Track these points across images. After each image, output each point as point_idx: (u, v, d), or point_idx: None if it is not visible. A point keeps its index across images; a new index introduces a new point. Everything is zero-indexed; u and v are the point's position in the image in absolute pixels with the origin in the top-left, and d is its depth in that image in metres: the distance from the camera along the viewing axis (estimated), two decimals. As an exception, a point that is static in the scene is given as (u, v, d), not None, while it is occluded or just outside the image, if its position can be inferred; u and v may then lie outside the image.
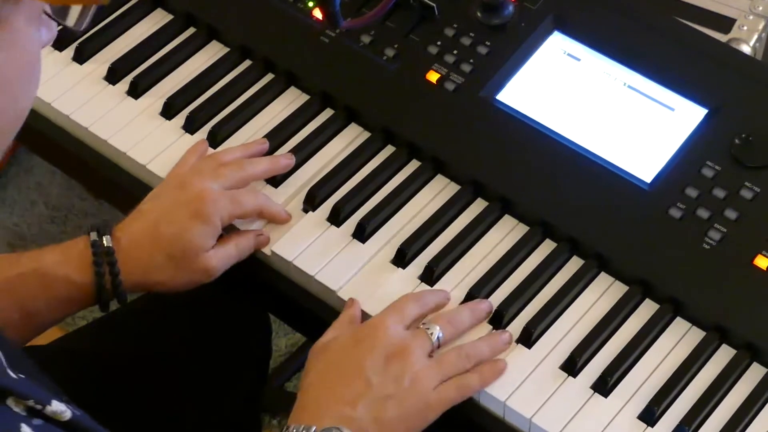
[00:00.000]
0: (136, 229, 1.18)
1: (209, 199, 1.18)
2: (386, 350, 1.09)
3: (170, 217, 1.18)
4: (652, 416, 1.11)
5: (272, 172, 1.26)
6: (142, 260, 1.17)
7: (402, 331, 1.12)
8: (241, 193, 1.21)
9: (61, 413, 0.85)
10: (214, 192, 1.19)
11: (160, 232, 1.17)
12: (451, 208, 1.25)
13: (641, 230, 1.21)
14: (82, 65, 1.37)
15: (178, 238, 1.17)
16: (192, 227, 1.17)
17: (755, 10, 1.43)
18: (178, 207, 1.18)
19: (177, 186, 1.21)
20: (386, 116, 1.30)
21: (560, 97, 1.29)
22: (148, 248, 1.17)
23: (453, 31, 1.33)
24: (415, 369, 1.09)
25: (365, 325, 1.13)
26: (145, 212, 1.20)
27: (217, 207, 1.18)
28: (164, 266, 1.17)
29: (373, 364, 1.08)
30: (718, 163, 1.23)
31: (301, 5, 1.38)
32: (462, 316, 1.15)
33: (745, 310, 1.16)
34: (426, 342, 1.11)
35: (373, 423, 1.06)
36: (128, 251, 1.16)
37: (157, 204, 1.20)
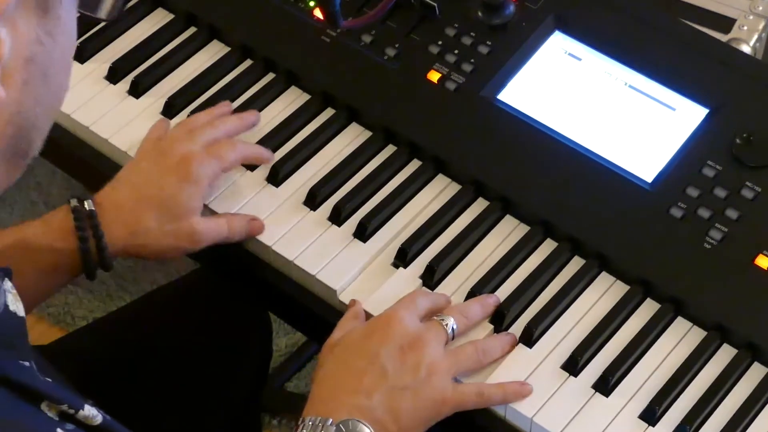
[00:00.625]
0: (120, 194, 1.18)
1: (194, 159, 1.19)
2: (401, 341, 1.08)
3: (157, 181, 1.19)
4: (654, 416, 1.11)
5: (242, 128, 1.28)
6: (128, 222, 1.17)
7: (416, 322, 1.11)
8: (220, 146, 1.22)
9: (93, 417, 0.85)
10: (198, 152, 1.20)
11: (147, 195, 1.18)
12: (452, 207, 1.25)
13: (642, 230, 1.21)
14: (82, 64, 1.37)
15: (167, 199, 1.18)
16: (181, 188, 1.18)
17: (755, 10, 1.43)
18: (164, 172, 1.19)
19: (158, 154, 1.21)
20: (387, 116, 1.30)
21: (561, 97, 1.29)
22: (133, 210, 1.17)
23: (454, 30, 1.33)
24: (431, 360, 1.08)
25: (378, 318, 1.12)
26: (126, 179, 1.20)
27: (203, 166, 1.20)
28: (151, 228, 1.17)
29: (388, 354, 1.07)
30: (719, 162, 1.23)
31: (302, 5, 1.38)
32: (473, 308, 1.15)
33: (746, 310, 1.16)
34: (441, 333, 1.11)
35: (388, 413, 1.05)
36: (112, 214, 1.17)
37: (139, 171, 1.21)
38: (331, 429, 1.03)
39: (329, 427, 1.03)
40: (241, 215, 1.23)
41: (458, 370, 1.11)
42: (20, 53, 0.75)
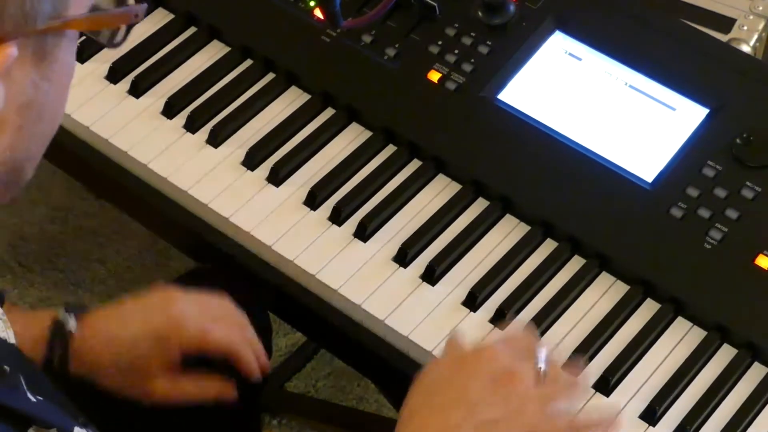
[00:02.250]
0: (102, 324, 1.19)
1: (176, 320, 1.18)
2: (493, 374, 1.03)
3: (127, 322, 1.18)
4: (654, 415, 1.11)
5: None
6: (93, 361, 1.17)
7: (508, 356, 1.06)
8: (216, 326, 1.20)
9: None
10: (188, 317, 1.18)
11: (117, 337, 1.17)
12: (452, 207, 1.25)
13: (643, 230, 1.21)
14: (82, 64, 1.37)
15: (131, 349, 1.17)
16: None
17: (755, 10, 1.44)
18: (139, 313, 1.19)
19: (154, 301, 1.20)
20: (387, 116, 1.30)
21: (562, 97, 1.29)
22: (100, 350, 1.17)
23: (454, 30, 1.33)
24: (523, 392, 1.03)
25: (468, 351, 1.07)
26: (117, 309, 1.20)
27: (182, 333, 1.17)
28: (112, 374, 1.17)
29: (479, 387, 1.02)
30: (720, 162, 1.23)
31: (302, 5, 1.38)
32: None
33: (746, 310, 1.16)
34: (533, 366, 1.05)
35: None
36: (89, 347, 1.17)
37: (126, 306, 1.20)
38: None
39: None
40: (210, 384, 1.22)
41: (551, 403, 1.05)
42: (15, 100, 0.74)
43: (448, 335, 1.14)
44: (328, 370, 2.04)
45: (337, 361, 2.00)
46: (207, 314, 1.20)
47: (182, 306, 1.19)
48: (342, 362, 1.63)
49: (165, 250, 2.17)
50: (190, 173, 1.28)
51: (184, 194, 1.27)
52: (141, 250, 2.19)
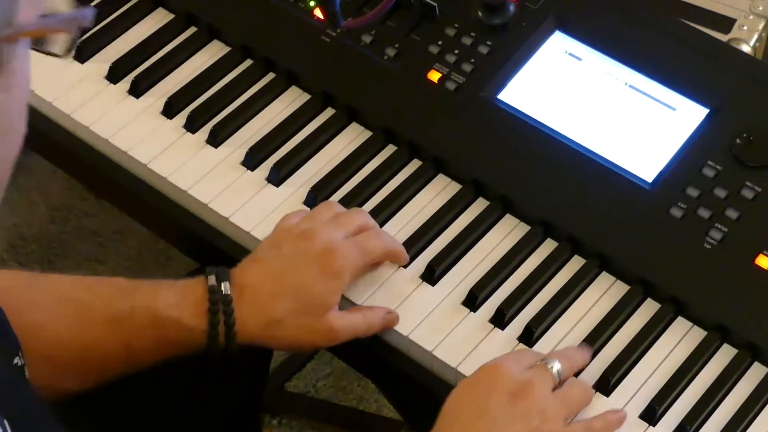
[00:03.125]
0: (257, 278, 1.13)
1: (338, 252, 1.13)
2: (509, 388, 1.04)
3: (298, 269, 1.12)
4: (654, 415, 1.11)
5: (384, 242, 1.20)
6: (263, 313, 1.11)
7: (522, 370, 1.07)
8: (366, 238, 1.16)
9: None
10: (342, 243, 1.14)
11: (285, 284, 1.12)
12: (452, 207, 1.25)
13: (642, 230, 1.21)
14: (82, 64, 1.37)
15: (306, 292, 1.12)
16: (322, 282, 1.12)
17: (755, 10, 1.43)
18: (306, 260, 1.13)
19: (300, 236, 1.15)
20: (387, 116, 1.30)
21: (562, 97, 1.29)
22: (270, 301, 1.11)
23: (454, 30, 1.33)
24: (542, 405, 1.04)
25: (481, 369, 1.08)
26: (266, 260, 1.14)
27: (347, 259, 1.13)
28: (286, 321, 1.11)
29: (498, 403, 1.03)
30: (720, 162, 1.23)
31: (302, 5, 1.38)
32: (573, 352, 1.13)
33: (747, 310, 1.16)
34: (549, 377, 1.07)
35: None
36: (249, 301, 1.11)
37: (279, 253, 1.14)
38: None
39: None
40: (377, 309, 1.16)
41: (570, 412, 1.08)
42: None
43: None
44: (328, 370, 2.04)
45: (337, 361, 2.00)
46: (349, 226, 1.17)
47: (327, 231, 1.15)
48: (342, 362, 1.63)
49: (165, 250, 2.17)
50: (190, 173, 1.28)
51: (184, 194, 1.27)
52: (141, 250, 2.19)
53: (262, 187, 1.27)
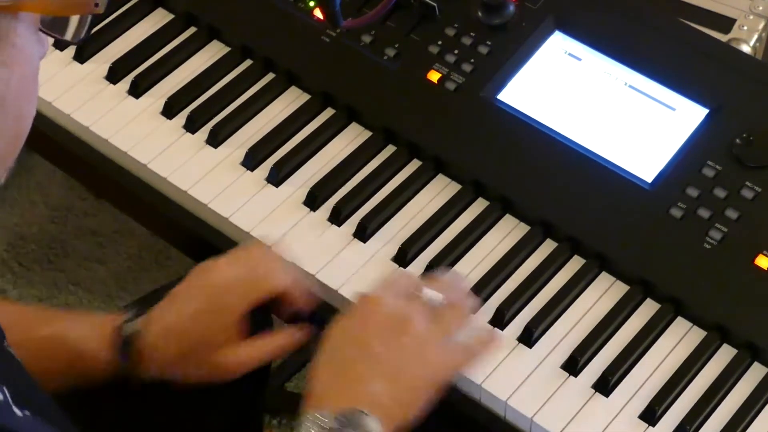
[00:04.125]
0: (168, 316, 1.15)
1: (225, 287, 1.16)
2: (385, 321, 1.08)
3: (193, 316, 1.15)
4: (653, 416, 1.11)
5: None
6: (170, 350, 1.15)
7: (397, 301, 1.10)
8: None
9: None
10: (231, 280, 1.16)
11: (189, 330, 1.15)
12: (452, 207, 1.25)
13: (642, 230, 1.21)
14: (82, 64, 1.37)
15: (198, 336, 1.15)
16: (210, 319, 1.15)
17: (755, 10, 1.44)
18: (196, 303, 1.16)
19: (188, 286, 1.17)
20: (387, 116, 1.30)
21: (561, 97, 1.29)
22: (176, 337, 1.14)
23: (454, 30, 1.33)
24: (419, 335, 1.08)
25: (360, 305, 1.11)
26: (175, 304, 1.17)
27: (233, 295, 1.16)
28: (189, 357, 1.15)
29: (378, 338, 1.07)
30: (719, 162, 1.23)
31: (302, 5, 1.38)
32: (446, 279, 1.16)
33: (746, 310, 1.16)
34: (420, 305, 1.11)
35: (388, 395, 1.04)
36: (158, 336, 1.14)
37: (185, 298, 1.17)
38: (332, 422, 1.01)
39: (329, 421, 1.01)
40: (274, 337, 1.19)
41: (446, 336, 1.11)
42: None
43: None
44: (328, 370, 2.03)
45: (337, 361, 1.99)
46: (248, 269, 1.17)
47: (225, 269, 1.17)
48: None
49: (165, 250, 2.17)
50: (189, 173, 1.28)
51: (184, 194, 1.28)
52: (141, 250, 2.19)
53: (262, 187, 1.27)
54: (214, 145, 1.30)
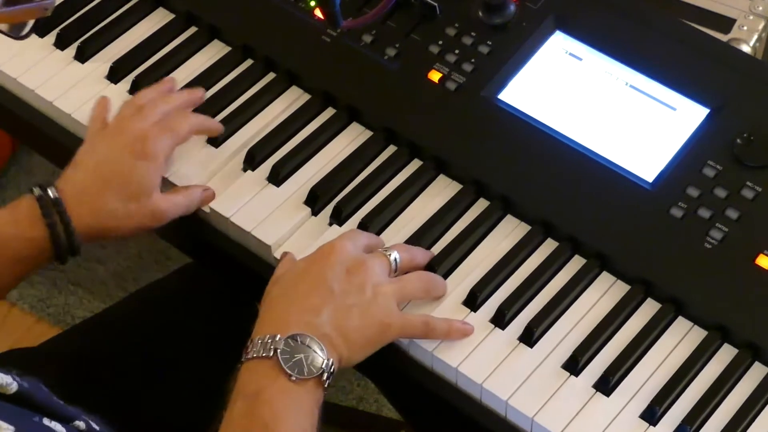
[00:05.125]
0: (81, 178, 1.20)
1: (148, 136, 1.21)
2: (346, 264, 1.12)
3: (115, 161, 1.20)
4: (654, 415, 1.11)
5: (190, 103, 1.29)
6: (93, 205, 1.19)
7: (359, 250, 1.15)
8: (171, 119, 1.24)
9: (7, 386, 0.84)
10: (151, 128, 1.22)
11: (107, 176, 1.19)
12: (452, 207, 1.25)
13: (643, 230, 1.21)
14: (83, 64, 1.37)
15: (127, 180, 1.19)
16: (139, 166, 1.20)
17: (755, 10, 1.44)
18: (120, 151, 1.21)
19: (111, 133, 1.23)
20: (388, 116, 1.30)
21: (562, 97, 1.29)
22: (97, 193, 1.19)
23: (454, 30, 1.33)
24: (376, 281, 1.12)
25: (319, 249, 1.15)
26: (84, 162, 1.21)
27: (157, 141, 1.21)
28: (115, 209, 1.19)
29: (334, 275, 1.10)
30: (720, 162, 1.23)
31: (302, 5, 1.38)
32: (416, 249, 1.19)
33: (747, 310, 1.16)
34: (385, 261, 1.14)
35: (336, 330, 1.08)
36: (76, 199, 1.18)
37: (95, 152, 1.22)
38: (281, 343, 1.05)
39: (278, 342, 1.05)
40: (195, 187, 1.25)
41: (403, 296, 1.14)
42: None
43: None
44: (328, 370, 2.04)
45: (337, 361, 1.99)
46: (154, 114, 1.24)
47: (129, 114, 1.24)
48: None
49: (165, 250, 2.17)
50: (190, 173, 1.28)
51: (184, 194, 1.27)
52: (141, 250, 2.19)
53: (262, 187, 1.27)
54: (216, 145, 1.30)
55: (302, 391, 1.04)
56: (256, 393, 1.04)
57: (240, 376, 1.06)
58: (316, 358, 1.05)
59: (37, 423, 0.86)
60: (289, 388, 1.04)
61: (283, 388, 1.04)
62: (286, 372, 1.04)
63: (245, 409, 1.04)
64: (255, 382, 1.05)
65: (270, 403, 1.03)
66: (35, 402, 0.86)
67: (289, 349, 1.05)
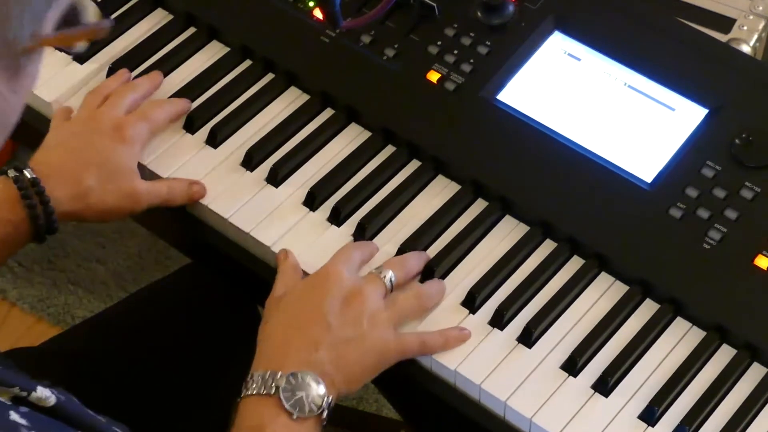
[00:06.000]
0: (56, 158, 1.21)
1: (125, 123, 1.23)
2: (342, 294, 1.12)
3: (93, 144, 1.22)
4: (653, 416, 1.11)
5: (153, 89, 1.31)
6: (70, 184, 1.19)
7: (355, 276, 1.15)
8: (147, 108, 1.27)
9: (46, 399, 0.85)
10: (127, 117, 1.25)
11: (83, 157, 1.21)
12: (451, 208, 1.25)
13: (642, 230, 1.21)
14: (82, 65, 1.37)
15: (104, 160, 1.21)
16: (117, 149, 1.22)
17: (755, 10, 1.44)
18: (97, 135, 1.22)
19: (84, 121, 1.25)
20: (386, 116, 1.30)
21: (561, 97, 1.29)
22: (73, 172, 1.20)
23: (453, 30, 1.33)
24: (372, 311, 1.12)
25: (317, 274, 1.15)
26: (57, 145, 1.23)
27: (135, 128, 1.24)
28: (93, 188, 1.20)
29: (331, 308, 1.11)
30: (719, 163, 1.23)
31: (302, 5, 1.38)
32: (410, 260, 1.19)
33: (746, 310, 1.16)
34: (380, 285, 1.14)
35: (334, 365, 1.08)
36: (53, 178, 1.18)
37: (69, 137, 1.23)
38: (282, 381, 1.05)
39: (280, 380, 1.05)
40: (182, 179, 1.26)
41: (400, 318, 1.14)
42: None
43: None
44: (328, 370, 2.04)
45: (337, 361, 1.99)
46: (125, 103, 1.26)
47: (109, 110, 1.25)
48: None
49: (165, 250, 2.17)
50: (189, 173, 1.28)
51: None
52: (141, 250, 2.19)
53: (261, 188, 1.27)
54: (214, 145, 1.30)
55: (302, 429, 1.05)
56: (259, 429, 1.05)
57: (241, 411, 1.07)
58: (317, 397, 1.06)
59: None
60: (290, 426, 1.05)
61: (285, 426, 1.05)
62: (287, 411, 1.05)
63: None
64: (257, 419, 1.05)
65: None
66: (69, 414, 0.88)
67: (290, 387, 1.05)
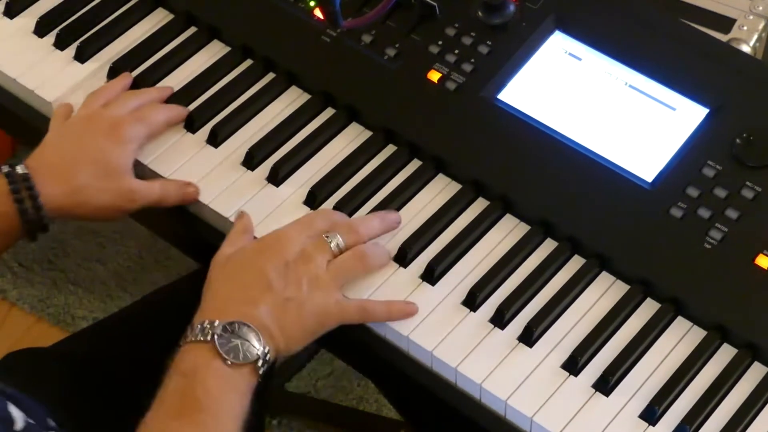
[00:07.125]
0: (51, 155, 1.22)
1: (123, 123, 1.24)
2: (287, 257, 1.14)
3: (88, 142, 1.23)
4: (654, 415, 1.11)
5: (160, 99, 1.31)
6: (63, 180, 1.20)
7: (304, 240, 1.16)
8: (145, 110, 1.27)
9: None
10: (125, 117, 1.25)
11: (78, 155, 1.22)
12: (452, 207, 1.25)
13: (642, 229, 1.21)
14: (83, 64, 1.37)
15: (99, 158, 1.22)
16: (113, 148, 1.22)
17: (755, 10, 1.44)
18: (93, 133, 1.24)
19: (83, 120, 1.26)
20: (387, 115, 1.30)
21: (561, 97, 1.29)
22: (68, 169, 1.21)
23: (454, 30, 1.34)
24: (313, 274, 1.14)
25: (268, 236, 1.17)
26: (54, 143, 1.24)
27: (132, 128, 1.24)
28: (87, 184, 1.21)
29: (275, 269, 1.13)
30: (719, 162, 1.23)
31: (302, 5, 1.38)
32: (368, 223, 1.20)
33: (746, 310, 1.16)
34: (325, 248, 1.16)
35: (274, 322, 1.11)
36: (46, 174, 1.20)
37: (68, 133, 1.24)
38: (218, 329, 1.08)
39: (216, 327, 1.08)
40: (176, 180, 1.26)
41: (340, 278, 1.16)
42: None
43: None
44: (328, 370, 2.04)
45: (337, 361, 2.00)
46: (128, 104, 1.28)
47: (107, 111, 1.27)
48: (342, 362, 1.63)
49: (165, 250, 2.17)
50: (189, 173, 1.28)
51: (184, 194, 1.27)
52: (141, 250, 2.19)
53: (262, 187, 1.27)
54: (215, 145, 1.30)
55: (237, 375, 1.08)
56: (192, 372, 1.08)
57: (177, 358, 1.10)
58: (253, 346, 1.08)
59: None
60: (223, 371, 1.07)
61: (218, 369, 1.07)
62: (222, 356, 1.07)
63: (180, 386, 1.07)
64: (191, 362, 1.08)
65: (204, 382, 1.07)
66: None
67: (226, 334, 1.08)
